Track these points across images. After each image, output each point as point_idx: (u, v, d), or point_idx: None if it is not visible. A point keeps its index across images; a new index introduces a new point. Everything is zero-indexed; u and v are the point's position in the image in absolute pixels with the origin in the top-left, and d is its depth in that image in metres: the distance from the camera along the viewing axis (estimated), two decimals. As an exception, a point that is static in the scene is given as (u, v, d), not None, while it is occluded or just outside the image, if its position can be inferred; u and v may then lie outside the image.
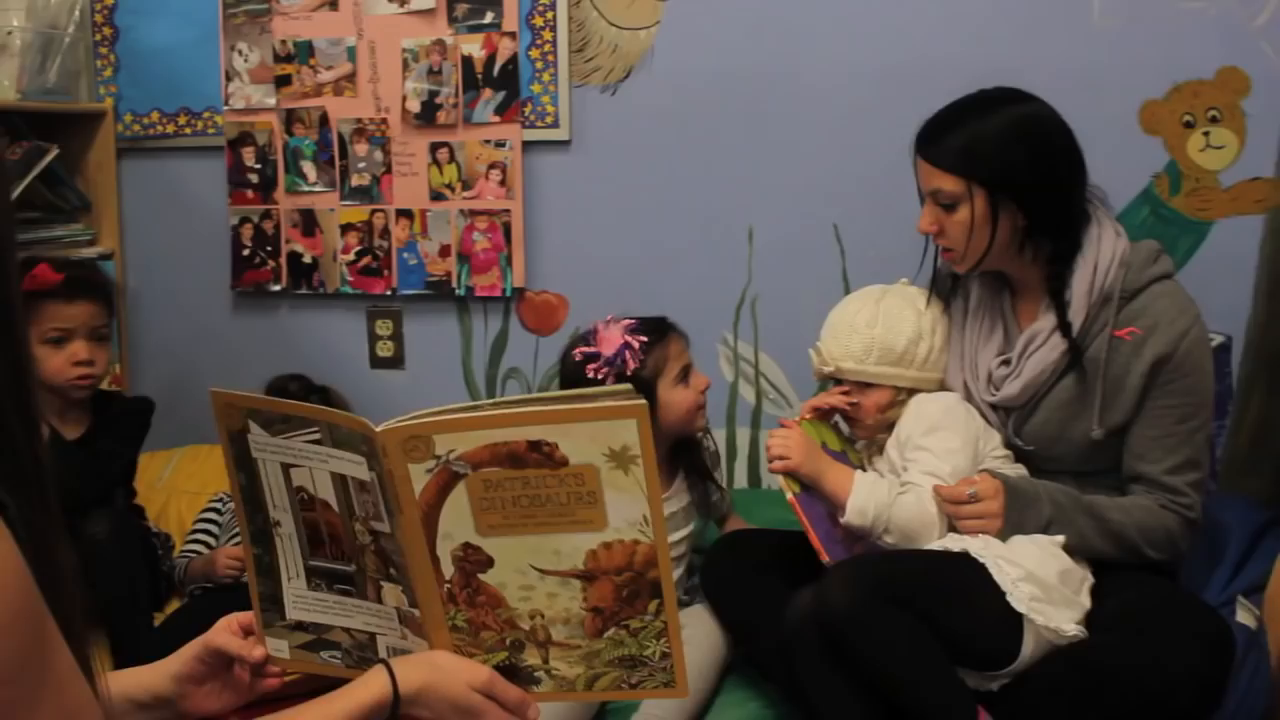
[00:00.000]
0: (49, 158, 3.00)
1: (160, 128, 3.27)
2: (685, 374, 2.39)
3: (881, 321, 2.24)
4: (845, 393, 2.26)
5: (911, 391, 2.25)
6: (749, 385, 3.08)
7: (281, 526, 1.48)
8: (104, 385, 2.67)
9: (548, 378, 3.11)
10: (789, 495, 2.13)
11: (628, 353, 2.31)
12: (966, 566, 1.99)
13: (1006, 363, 2.20)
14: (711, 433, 2.58)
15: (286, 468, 1.46)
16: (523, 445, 1.33)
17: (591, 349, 2.34)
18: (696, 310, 2.99)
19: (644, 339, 2.33)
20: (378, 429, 1.35)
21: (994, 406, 2.21)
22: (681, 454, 2.47)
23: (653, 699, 2.19)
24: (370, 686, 1.37)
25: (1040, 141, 2.11)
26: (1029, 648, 1.95)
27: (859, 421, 2.27)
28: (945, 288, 2.33)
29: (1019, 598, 1.95)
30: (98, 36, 3.26)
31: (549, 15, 3.01)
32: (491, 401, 1.38)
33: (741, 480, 3.12)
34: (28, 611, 1.01)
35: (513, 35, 3.02)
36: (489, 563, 1.40)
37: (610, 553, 1.37)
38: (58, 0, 2.99)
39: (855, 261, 2.95)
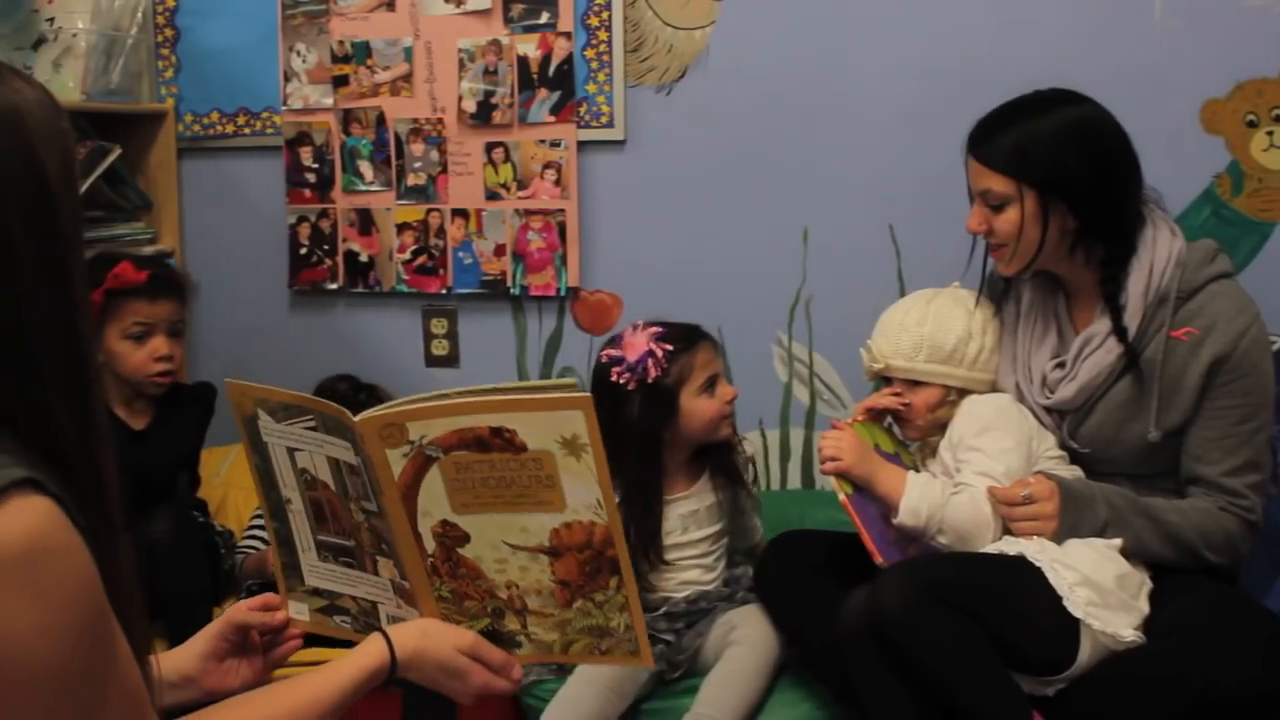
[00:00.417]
0: (112, 157, 3.04)
1: (220, 128, 3.31)
2: (711, 384, 2.38)
3: (931, 320, 2.24)
4: (897, 393, 2.25)
5: (962, 391, 2.24)
6: (803, 386, 3.07)
7: (292, 504, 1.63)
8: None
9: (601, 377, 3.12)
10: (841, 496, 2.13)
11: (650, 360, 2.31)
12: (1022, 570, 1.98)
13: (1061, 365, 2.18)
14: (743, 440, 2.58)
15: (291, 451, 1.59)
16: (486, 431, 1.45)
17: (617, 353, 2.35)
18: (750, 310, 3.00)
19: (669, 347, 2.33)
20: (355, 419, 1.47)
21: (1048, 409, 2.19)
22: (708, 456, 2.46)
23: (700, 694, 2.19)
24: (371, 653, 1.47)
25: (1093, 144, 2.09)
26: (1085, 653, 1.93)
27: (910, 422, 2.27)
28: (998, 290, 2.31)
29: (1075, 602, 1.93)
30: (159, 38, 3.30)
31: (604, 15, 3.02)
32: (458, 390, 1.49)
33: (795, 481, 3.11)
34: (100, 615, 1.09)
35: (568, 35, 3.02)
36: (466, 538, 1.52)
37: (571, 531, 1.48)
38: (121, 3, 3.02)
39: (911, 263, 2.93)
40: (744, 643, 2.28)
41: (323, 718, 1.39)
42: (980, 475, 2.10)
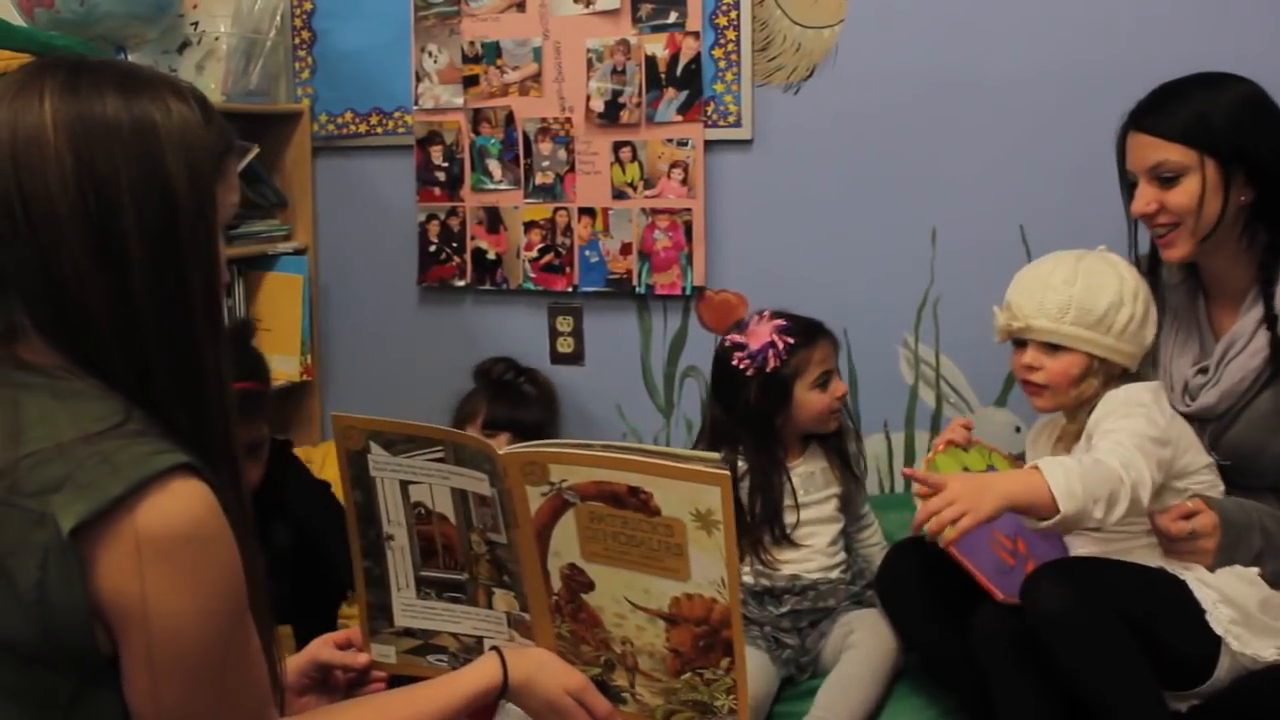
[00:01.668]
0: (250, 156, 3.13)
1: (353, 127, 3.37)
2: (826, 379, 2.47)
3: (1081, 280, 2.07)
4: (968, 425, 2.20)
5: (1104, 363, 2.07)
6: (929, 388, 3.03)
7: (395, 540, 1.64)
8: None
9: (725, 377, 3.12)
10: (943, 544, 1.96)
11: (771, 351, 2.43)
12: (1166, 581, 1.93)
13: (1203, 371, 2.12)
14: (850, 432, 2.61)
15: (405, 485, 1.60)
16: (624, 488, 1.46)
17: (741, 339, 2.47)
18: (877, 311, 2.97)
19: (791, 340, 2.43)
20: (500, 453, 1.50)
21: (1190, 418, 2.13)
22: (816, 436, 2.54)
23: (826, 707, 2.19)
24: (485, 672, 1.52)
25: (1271, 116, 2.04)
26: (1223, 669, 1.88)
27: (1046, 389, 2.10)
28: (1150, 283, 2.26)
29: (1218, 619, 1.87)
30: (296, 40, 3.37)
31: (732, 14, 3.01)
32: (602, 443, 1.50)
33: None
34: (242, 605, 1.18)
35: (696, 35, 3.03)
36: (591, 585, 1.53)
37: (691, 603, 1.48)
38: (261, 6, 3.10)
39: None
40: (860, 646, 2.27)
41: None
42: (1110, 446, 1.94)
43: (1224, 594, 1.89)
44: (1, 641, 1.11)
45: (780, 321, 2.46)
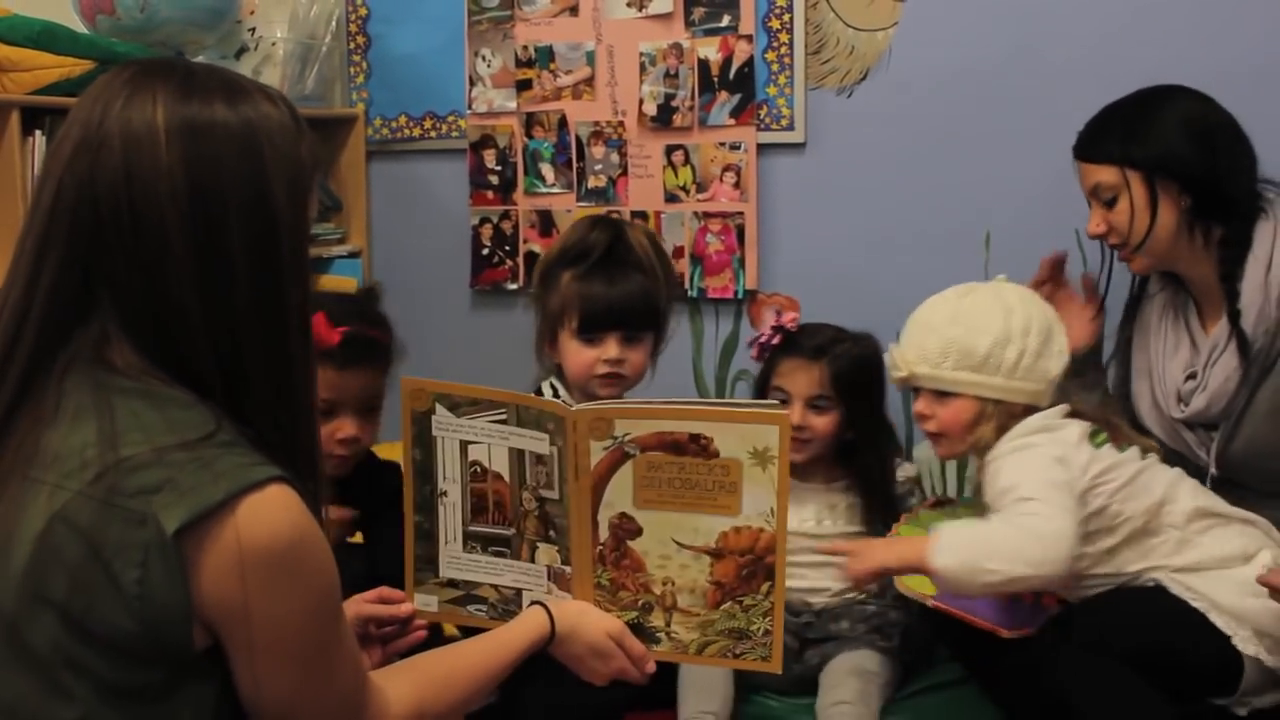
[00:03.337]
0: (307, 161, 3.16)
1: (407, 131, 3.40)
2: (783, 397, 2.38)
3: (963, 319, 2.02)
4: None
5: (999, 404, 1.99)
6: (983, 392, 3.01)
7: (447, 496, 1.76)
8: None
9: (777, 380, 3.11)
10: (930, 602, 1.98)
11: (758, 344, 2.47)
12: (1171, 602, 1.88)
13: (1193, 376, 2.11)
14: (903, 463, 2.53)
15: (465, 444, 1.73)
16: (685, 436, 1.62)
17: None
18: (931, 315, 2.95)
19: (775, 341, 2.44)
20: (572, 409, 1.64)
21: (1189, 425, 2.11)
22: (854, 460, 2.43)
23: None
24: (535, 624, 1.63)
25: (1191, 118, 2.09)
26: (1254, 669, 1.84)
27: (941, 437, 2.05)
28: (1136, 295, 2.28)
29: (1244, 641, 1.84)
30: (351, 45, 3.40)
31: (785, 18, 3.01)
32: (664, 400, 1.67)
33: (967, 490, 3.06)
34: (338, 596, 1.24)
35: (749, 38, 3.03)
36: (638, 531, 1.67)
37: (739, 536, 1.63)
38: (316, 12, 3.14)
39: (1097, 268, 2.85)
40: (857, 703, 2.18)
41: (494, 679, 1.53)
42: (1021, 501, 1.89)
43: (1254, 626, 1.84)
44: (100, 636, 1.14)
45: (783, 323, 2.44)
